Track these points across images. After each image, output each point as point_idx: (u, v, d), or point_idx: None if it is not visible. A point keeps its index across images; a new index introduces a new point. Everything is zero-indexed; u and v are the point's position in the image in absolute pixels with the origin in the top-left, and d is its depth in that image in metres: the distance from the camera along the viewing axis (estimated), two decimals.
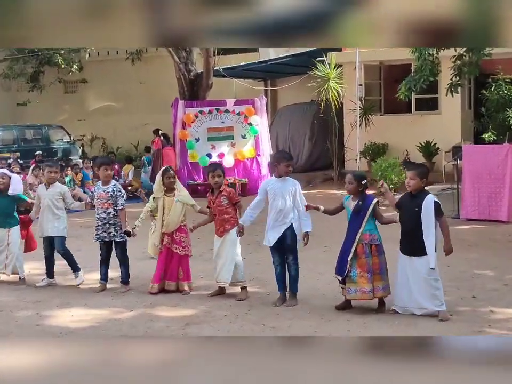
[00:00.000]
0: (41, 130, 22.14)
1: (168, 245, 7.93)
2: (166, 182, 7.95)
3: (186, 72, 18.66)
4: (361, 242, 6.82)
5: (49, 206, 8.37)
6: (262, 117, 17.49)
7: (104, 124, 26.27)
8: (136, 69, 25.76)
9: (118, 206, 8.07)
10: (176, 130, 17.31)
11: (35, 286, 8.45)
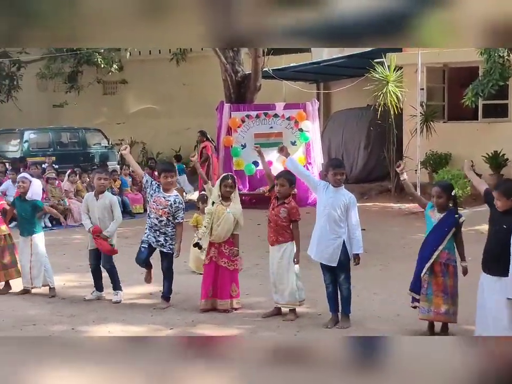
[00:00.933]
0: (78, 134, 22.33)
1: (214, 258, 7.93)
2: (222, 191, 7.95)
3: (233, 73, 18.71)
4: (439, 260, 6.72)
5: (100, 218, 8.41)
6: (313, 122, 17.45)
7: (144, 128, 26.49)
8: (180, 69, 25.92)
9: (178, 219, 8.10)
10: (220, 136, 17.38)
11: (84, 299, 8.52)
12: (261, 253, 10.01)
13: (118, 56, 26.29)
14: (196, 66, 25.50)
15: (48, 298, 8.66)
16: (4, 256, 8.90)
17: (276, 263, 7.67)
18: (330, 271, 7.35)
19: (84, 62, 25.76)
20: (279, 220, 7.55)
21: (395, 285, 8.53)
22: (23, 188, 8.75)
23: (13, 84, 26.61)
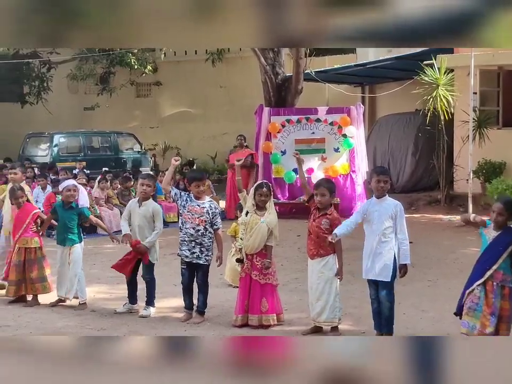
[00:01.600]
0: (109, 138, 22.52)
1: (248, 270, 7.92)
2: (257, 199, 7.93)
3: (273, 75, 18.72)
4: (492, 280, 6.60)
5: (140, 226, 8.45)
6: (358, 127, 17.36)
7: (179, 132, 26.64)
8: (216, 71, 25.98)
9: (216, 224, 8.13)
10: (259, 142, 17.36)
11: (115, 312, 8.56)
12: (301, 266, 9.98)
13: (152, 57, 26.48)
14: (233, 68, 25.60)
15: (77, 311, 8.72)
16: (32, 270, 8.94)
17: (315, 277, 7.63)
18: (375, 286, 7.30)
19: (117, 62, 25.91)
20: (321, 232, 7.51)
21: (445, 302, 8.43)
22: (72, 197, 8.85)
23: (42, 86, 26.92)
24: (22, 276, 8.92)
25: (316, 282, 7.61)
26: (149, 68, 26.30)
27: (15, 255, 8.94)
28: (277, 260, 8.26)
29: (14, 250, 9.00)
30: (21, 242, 8.93)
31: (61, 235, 8.88)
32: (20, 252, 8.93)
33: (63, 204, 8.92)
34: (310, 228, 7.61)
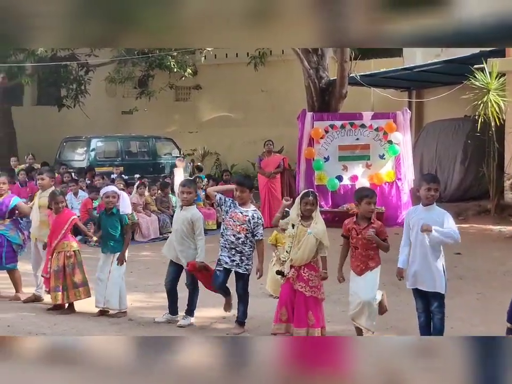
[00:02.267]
0: (147, 143, 22.67)
1: (292, 280, 7.91)
2: (302, 209, 7.91)
3: (316, 79, 18.72)
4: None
5: (177, 230, 8.52)
6: (404, 134, 17.28)
7: (219, 137, 26.66)
8: (258, 74, 25.89)
9: (257, 235, 8.14)
10: (302, 147, 17.35)
11: (154, 321, 8.60)
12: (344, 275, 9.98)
13: (192, 60, 26.55)
14: (275, 71, 25.58)
15: (114, 319, 8.78)
16: (75, 274, 9.02)
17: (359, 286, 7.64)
18: (424, 298, 7.27)
19: (156, 65, 26.01)
20: (369, 243, 7.51)
21: (494, 316, 8.34)
22: (111, 203, 8.94)
23: (80, 89, 27.11)
24: (62, 282, 8.98)
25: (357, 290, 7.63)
26: (189, 71, 26.31)
27: (54, 261, 9.01)
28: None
29: (52, 256, 9.05)
30: (60, 247, 9.01)
31: (104, 242, 8.99)
32: (59, 257, 9.00)
33: (105, 210, 9.03)
34: (356, 244, 7.59)
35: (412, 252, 7.29)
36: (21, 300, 9.80)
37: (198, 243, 8.41)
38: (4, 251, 9.78)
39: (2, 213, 9.79)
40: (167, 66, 25.84)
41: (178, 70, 25.98)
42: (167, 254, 8.69)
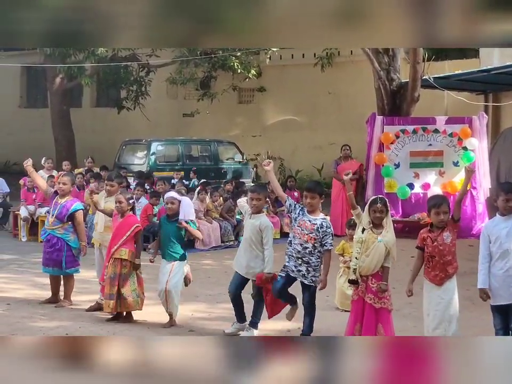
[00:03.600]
0: (209, 147, 22.63)
1: (361, 293, 7.88)
2: (372, 216, 7.87)
3: (387, 81, 18.60)
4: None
5: (246, 239, 8.53)
6: (480, 140, 17.10)
7: (283, 142, 26.68)
8: (325, 76, 25.85)
9: (326, 245, 8.10)
10: (371, 153, 17.29)
11: (224, 333, 8.62)
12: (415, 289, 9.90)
13: (256, 61, 26.60)
14: (344, 73, 25.50)
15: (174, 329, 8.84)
16: (124, 285, 9.07)
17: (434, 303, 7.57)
18: (504, 314, 7.19)
19: (219, 66, 26.11)
20: (446, 248, 7.45)
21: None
22: (170, 210, 9.02)
23: (140, 90, 27.29)
24: (116, 291, 9.04)
25: (434, 309, 7.55)
26: (253, 72, 26.33)
27: (109, 267, 9.09)
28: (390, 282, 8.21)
29: (109, 263, 9.15)
30: (118, 254, 9.06)
31: (163, 249, 9.05)
32: (115, 264, 9.07)
33: (167, 216, 9.11)
34: (432, 252, 7.54)
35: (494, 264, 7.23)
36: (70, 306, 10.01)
37: (266, 253, 8.34)
38: (64, 255, 9.95)
39: (61, 216, 9.95)
40: (230, 67, 25.93)
41: (242, 71, 26.06)
42: (236, 267, 8.65)
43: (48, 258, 10.11)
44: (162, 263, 9.05)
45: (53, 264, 10.06)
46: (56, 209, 10.06)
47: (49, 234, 10.13)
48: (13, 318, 9.30)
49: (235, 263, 8.68)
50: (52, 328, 8.83)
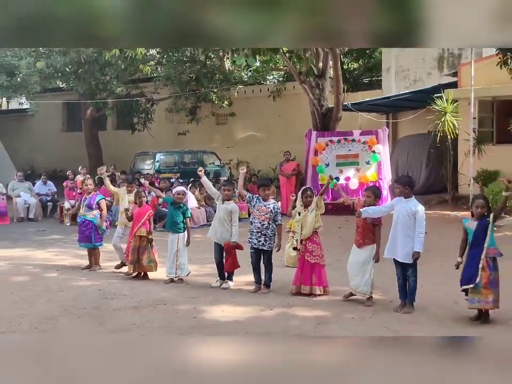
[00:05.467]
0: (197, 155, 22.68)
1: (302, 253, 8.00)
2: (304, 200, 8.02)
3: (319, 107, 18.68)
4: (487, 256, 6.54)
5: (220, 218, 8.52)
6: (384, 146, 17.22)
7: (248, 151, 26.67)
8: (276, 104, 25.99)
9: (278, 221, 8.15)
10: (309, 157, 17.38)
11: (210, 286, 8.61)
12: (341, 250, 9.94)
13: (228, 95, 26.60)
14: (289, 102, 25.55)
15: (176, 284, 8.85)
16: (143, 253, 9.17)
17: (356, 259, 7.62)
18: (402, 266, 7.25)
19: (202, 99, 26.17)
20: (367, 225, 7.50)
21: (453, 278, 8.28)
22: (180, 199, 9.02)
23: (147, 117, 27.27)
24: (137, 258, 9.17)
25: (355, 262, 7.61)
26: (226, 102, 26.42)
27: (133, 242, 9.19)
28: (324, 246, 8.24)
29: (133, 238, 9.22)
30: (139, 232, 9.19)
31: (169, 226, 9.10)
32: (136, 239, 9.18)
33: (173, 202, 9.06)
34: (359, 223, 7.59)
35: (393, 230, 7.28)
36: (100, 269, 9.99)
37: (233, 229, 8.44)
38: (93, 233, 10.01)
39: (91, 205, 10.09)
40: (210, 100, 26.03)
41: (218, 102, 26.15)
42: (211, 237, 8.67)
43: (81, 235, 10.19)
44: (170, 236, 9.04)
45: (85, 239, 10.13)
46: (85, 201, 10.20)
47: (82, 218, 10.19)
48: (60, 279, 9.25)
49: (210, 233, 8.69)
50: (88, 286, 8.77)
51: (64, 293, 8.33)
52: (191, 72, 25.17)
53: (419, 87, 20.35)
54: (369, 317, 6.99)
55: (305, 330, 6.48)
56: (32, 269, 10.07)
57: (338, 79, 18.20)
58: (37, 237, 14.27)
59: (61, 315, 7.19)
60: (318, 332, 6.41)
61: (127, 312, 7.30)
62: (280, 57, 19.24)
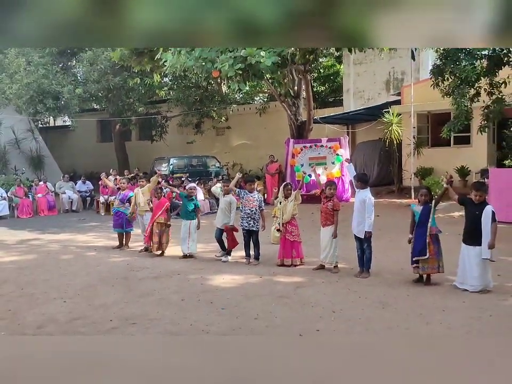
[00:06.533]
0: (202, 159, 22.48)
1: (283, 233, 7.98)
2: (285, 193, 8.01)
3: (295, 120, 18.63)
4: (431, 233, 6.58)
5: (222, 209, 8.52)
6: (345, 150, 17.19)
7: (241, 155, 26.61)
8: (262, 119, 25.87)
9: (262, 207, 8.18)
10: (288, 159, 17.35)
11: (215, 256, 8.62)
12: (313, 231, 9.92)
13: (225, 112, 26.49)
14: (272, 117, 25.42)
15: (187, 259, 8.79)
16: (163, 236, 9.10)
17: (323, 236, 7.64)
18: (359, 241, 7.26)
19: (205, 116, 26.04)
20: (328, 211, 7.51)
21: (400, 250, 8.34)
22: (192, 193, 8.97)
23: (162, 130, 27.11)
24: (158, 239, 9.09)
25: (324, 240, 7.61)
26: (223, 118, 26.32)
27: (155, 227, 9.08)
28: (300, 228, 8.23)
29: (153, 225, 9.10)
30: (158, 219, 9.09)
31: (183, 214, 8.99)
32: (157, 226, 9.08)
33: (187, 196, 9.01)
34: (322, 209, 7.59)
35: (353, 213, 7.30)
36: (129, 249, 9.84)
37: (231, 215, 8.45)
38: (124, 221, 9.90)
39: (124, 200, 9.93)
40: (211, 116, 25.87)
41: (217, 118, 25.99)
42: (217, 224, 8.64)
43: (116, 223, 10.04)
44: (183, 222, 8.99)
45: (119, 226, 9.98)
46: (119, 196, 10.05)
47: (116, 210, 10.08)
48: (98, 257, 9.19)
49: (216, 221, 8.68)
50: (120, 261, 8.72)
51: (100, 267, 8.28)
52: (196, 95, 25.04)
53: (371, 104, 20.37)
54: (335, 281, 7.01)
55: (287, 292, 6.48)
56: (75, 249, 10.01)
57: (309, 99, 18.17)
58: (79, 224, 14.17)
59: (98, 284, 7.16)
60: (298, 294, 6.41)
61: (149, 281, 7.27)
62: (265, 82, 19.12)
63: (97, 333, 5.11)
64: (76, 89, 21.98)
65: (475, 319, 5.25)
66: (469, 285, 6.29)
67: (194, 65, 11.77)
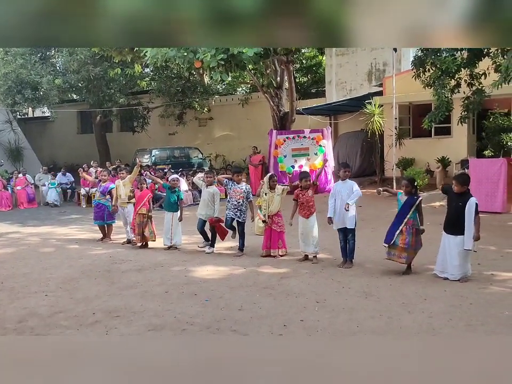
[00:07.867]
0: (184, 151, 22.44)
1: (269, 225, 7.98)
2: (271, 184, 8.00)
3: (278, 111, 18.62)
4: (406, 225, 6.63)
5: (204, 200, 8.48)
6: (328, 140, 17.26)
7: (224, 146, 26.53)
8: (245, 109, 25.79)
9: (250, 198, 8.17)
10: (271, 150, 17.32)
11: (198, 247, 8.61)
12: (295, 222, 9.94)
13: (207, 103, 26.33)
14: (255, 108, 25.36)
15: (171, 250, 8.78)
16: (145, 227, 9.02)
17: (306, 227, 7.66)
18: (343, 232, 7.30)
19: (187, 107, 25.84)
20: (310, 199, 7.55)
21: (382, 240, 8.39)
22: (175, 184, 8.89)
23: (144, 122, 26.84)
24: (141, 231, 9.02)
25: (305, 230, 7.64)
26: (206, 109, 26.14)
27: (137, 218, 9.03)
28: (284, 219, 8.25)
29: (136, 216, 9.05)
30: (141, 211, 9.00)
31: (167, 207, 8.95)
32: (140, 217, 9.01)
33: (170, 187, 8.96)
34: (302, 201, 7.61)
35: (336, 206, 7.31)
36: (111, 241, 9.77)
37: (215, 207, 8.39)
38: (105, 213, 9.82)
39: (104, 192, 9.83)
40: (193, 107, 25.67)
41: (200, 109, 25.81)
42: (200, 216, 8.57)
43: (96, 215, 9.96)
44: (166, 214, 8.94)
45: (100, 218, 9.91)
46: (100, 189, 9.91)
47: (97, 202, 9.99)
48: (80, 249, 9.10)
49: (199, 212, 8.63)
50: (102, 254, 8.64)
51: (83, 260, 8.21)
52: (178, 86, 24.82)
53: (354, 95, 20.42)
54: (319, 271, 7.05)
55: (271, 283, 6.50)
56: (56, 242, 9.90)
57: (292, 90, 18.16)
58: (59, 217, 14.01)
59: (80, 277, 7.10)
60: (282, 284, 6.44)
61: (132, 273, 7.23)
62: (247, 73, 19.03)
63: (80, 326, 5.06)
64: (55, 80, 21.64)
65: (456, 307, 5.34)
66: (450, 274, 6.38)
67: (176, 55, 11.67)
